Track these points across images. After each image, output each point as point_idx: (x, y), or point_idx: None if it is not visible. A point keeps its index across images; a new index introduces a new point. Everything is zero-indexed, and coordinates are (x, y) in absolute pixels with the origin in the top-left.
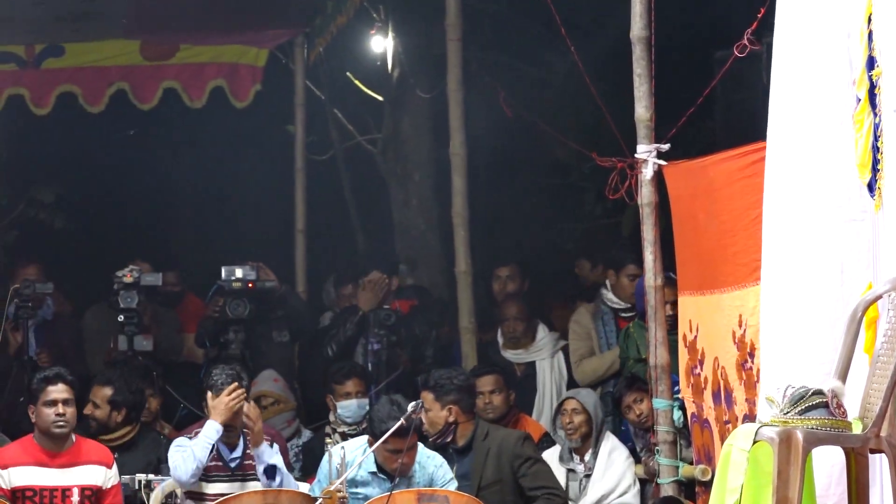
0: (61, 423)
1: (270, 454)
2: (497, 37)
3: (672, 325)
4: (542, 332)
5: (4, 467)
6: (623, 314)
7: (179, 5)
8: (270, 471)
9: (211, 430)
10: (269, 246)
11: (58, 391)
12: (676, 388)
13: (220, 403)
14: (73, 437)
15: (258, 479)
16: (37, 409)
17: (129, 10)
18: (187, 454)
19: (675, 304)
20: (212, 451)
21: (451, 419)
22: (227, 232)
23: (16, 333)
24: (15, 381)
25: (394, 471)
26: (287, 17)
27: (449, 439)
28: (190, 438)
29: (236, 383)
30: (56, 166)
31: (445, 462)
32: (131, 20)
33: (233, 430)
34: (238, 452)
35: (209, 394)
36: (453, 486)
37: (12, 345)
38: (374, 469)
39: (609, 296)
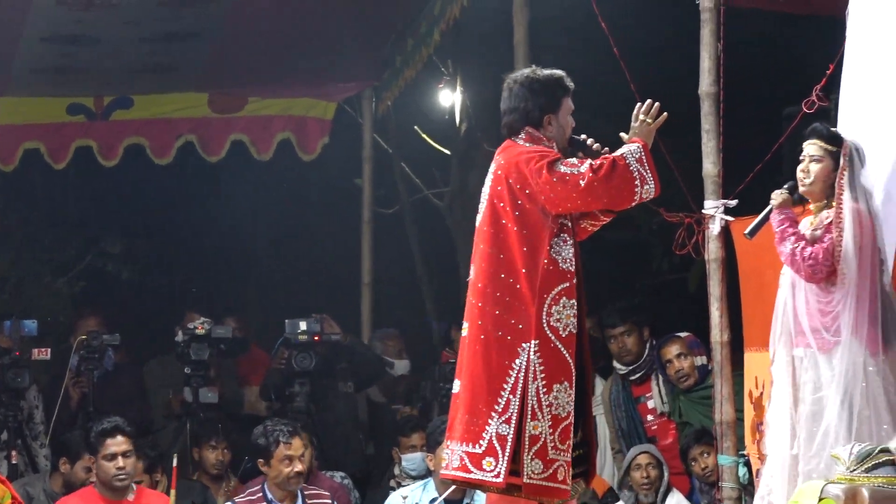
0: (122, 477)
1: None
2: (574, 94)
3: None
4: (601, 385)
5: None
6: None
7: (249, 58)
8: None
9: None
10: (335, 298)
11: (116, 444)
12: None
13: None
14: (134, 486)
15: None
16: (97, 461)
17: (199, 62)
18: None
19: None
20: None
21: None
22: (293, 284)
23: (79, 386)
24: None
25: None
26: (355, 71)
27: None
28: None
29: None
30: (124, 218)
31: None
32: (201, 73)
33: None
34: None
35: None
36: None
37: (74, 397)
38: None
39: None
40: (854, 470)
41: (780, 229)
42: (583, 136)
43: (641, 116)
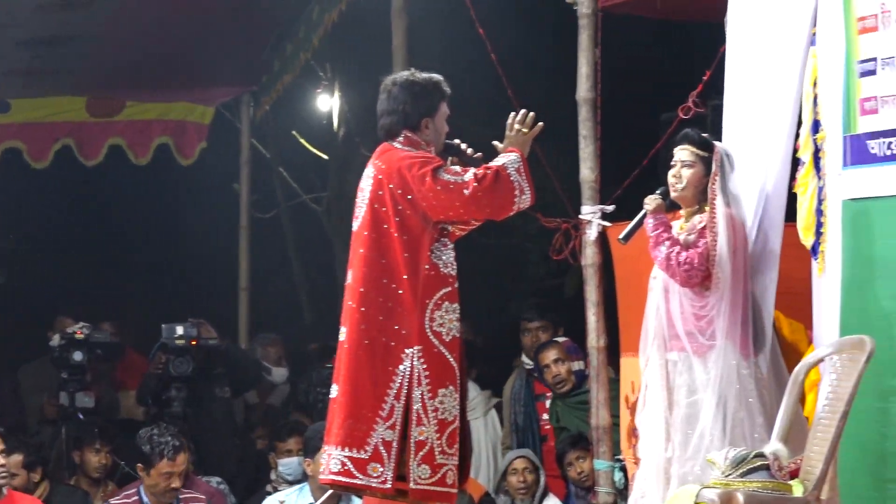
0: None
1: None
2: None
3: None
4: (474, 391)
5: None
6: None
7: (127, 62)
8: None
9: None
10: (212, 303)
11: None
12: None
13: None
14: (5, 490)
15: None
16: None
17: (77, 66)
18: None
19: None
20: None
21: None
22: (170, 289)
23: None
24: None
25: None
26: (233, 75)
27: None
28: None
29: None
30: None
31: None
32: (79, 77)
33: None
34: None
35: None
36: None
37: None
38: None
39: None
40: (729, 475)
41: (655, 234)
42: (457, 141)
43: (517, 126)
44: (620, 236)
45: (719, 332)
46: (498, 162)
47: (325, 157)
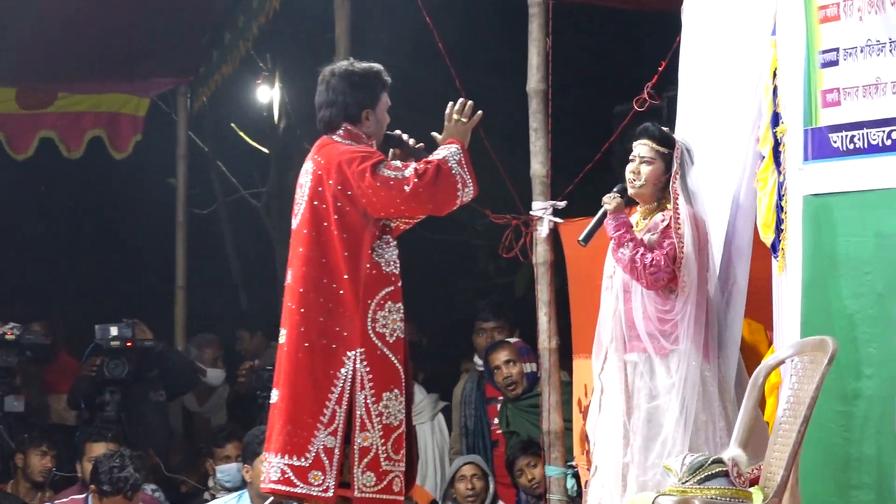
0: None
1: None
2: (394, 90)
3: None
4: (420, 394)
5: None
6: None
7: (59, 52)
8: None
9: None
10: (147, 302)
11: None
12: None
13: None
14: None
15: None
16: None
17: (6, 56)
18: None
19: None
20: None
21: None
22: (104, 287)
23: None
24: None
25: None
26: (170, 66)
27: None
28: None
29: None
30: None
31: None
32: (9, 67)
33: None
34: None
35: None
36: None
37: None
38: None
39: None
40: (686, 481)
41: (617, 235)
42: (398, 132)
43: (455, 116)
44: (580, 238)
45: (683, 334)
46: (438, 155)
47: (266, 150)
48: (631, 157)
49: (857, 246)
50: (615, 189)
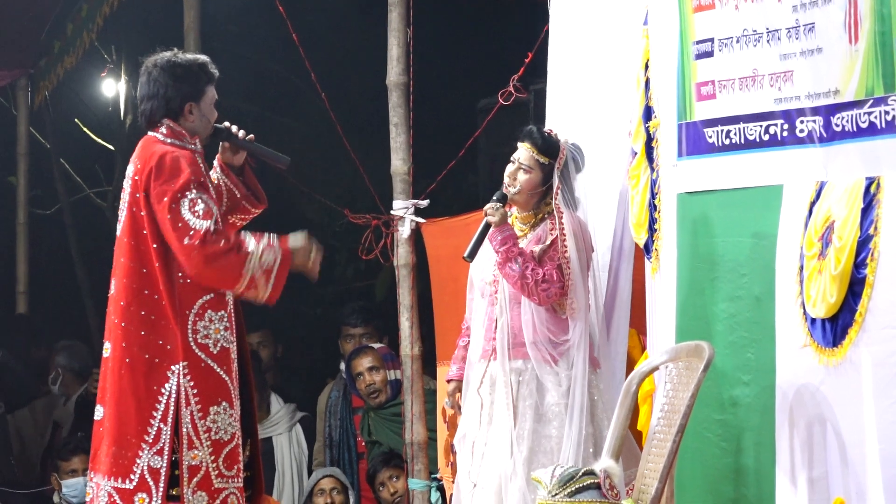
0: None
1: None
2: (245, 84)
3: None
4: (277, 404)
5: None
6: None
7: None
8: None
9: None
10: None
11: None
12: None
13: None
14: None
15: None
16: None
17: None
18: None
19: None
20: None
21: None
22: None
23: None
24: None
25: None
26: (8, 58)
27: None
28: None
29: None
30: None
31: None
32: None
33: None
34: None
35: None
36: None
37: None
38: None
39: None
40: (556, 494)
41: (504, 249)
42: (226, 124)
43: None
44: (465, 254)
45: (573, 343)
46: (259, 242)
47: (111, 147)
48: (511, 159)
49: (734, 246)
50: (494, 198)
